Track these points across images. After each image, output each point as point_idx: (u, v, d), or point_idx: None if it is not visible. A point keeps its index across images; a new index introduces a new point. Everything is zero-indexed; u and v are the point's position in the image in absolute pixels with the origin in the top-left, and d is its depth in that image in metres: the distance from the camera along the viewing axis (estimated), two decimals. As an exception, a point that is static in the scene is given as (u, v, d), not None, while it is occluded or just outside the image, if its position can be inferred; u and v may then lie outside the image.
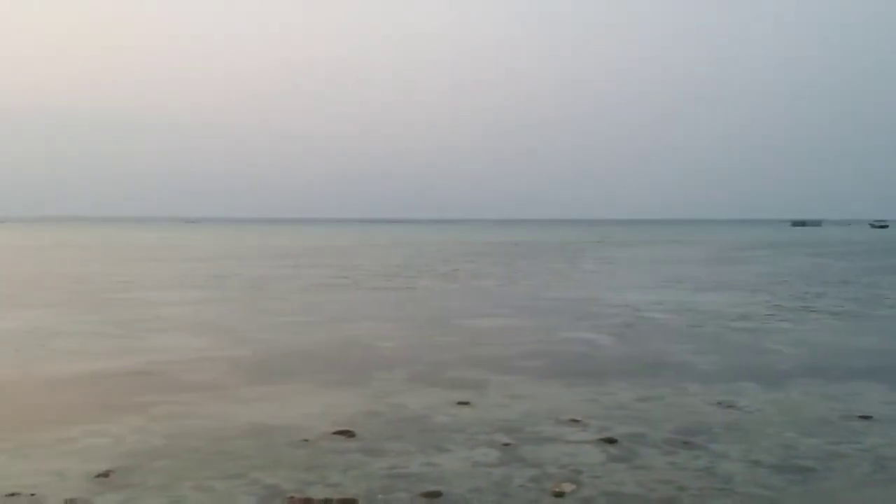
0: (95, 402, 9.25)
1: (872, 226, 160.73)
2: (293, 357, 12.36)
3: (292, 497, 5.98)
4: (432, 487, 6.27)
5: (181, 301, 20.58)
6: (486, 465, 6.88)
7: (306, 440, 7.62)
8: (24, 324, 15.81)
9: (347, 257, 44.43)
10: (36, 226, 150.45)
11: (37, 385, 10.23)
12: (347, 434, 7.84)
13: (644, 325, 16.36)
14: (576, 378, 10.78)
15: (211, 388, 10.06)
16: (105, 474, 6.57)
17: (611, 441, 7.66)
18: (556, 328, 15.75)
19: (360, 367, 11.54)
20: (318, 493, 6.13)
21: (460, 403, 9.18)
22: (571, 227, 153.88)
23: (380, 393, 9.76)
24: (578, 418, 8.53)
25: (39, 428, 8.01)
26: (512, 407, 9.08)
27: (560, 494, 6.16)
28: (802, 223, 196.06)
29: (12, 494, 6.05)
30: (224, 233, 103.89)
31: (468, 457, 7.12)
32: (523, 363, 11.88)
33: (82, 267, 34.85)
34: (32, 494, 6.06)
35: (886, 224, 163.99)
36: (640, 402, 9.42)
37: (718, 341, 14.23)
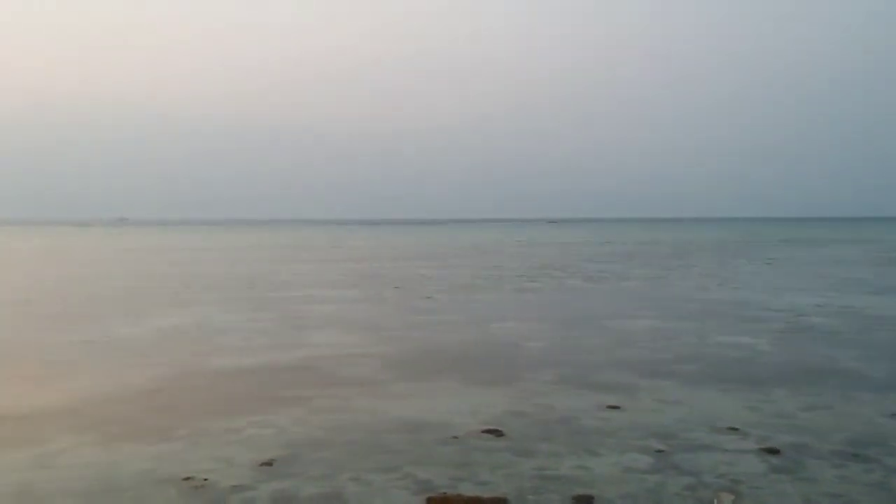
0: (260, 395, 9.80)
1: None
2: (441, 355, 12.58)
3: (431, 497, 6.08)
4: (584, 491, 6.21)
5: (336, 299, 21.44)
6: (639, 471, 6.72)
7: (455, 437, 7.74)
8: (194, 321, 17.00)
9: (489, 257, 44.70)
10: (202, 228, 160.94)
11: (207, 377, 10.97)
12: (496, 433, 7.89)
13: (807, 329, 15.43)
14: (732, 384, 10.32)
15: (364, 383, 10.42)
16: (269, 463, 6.95)
17: (773, 451, 7.28)
18: (710, 331, 15.14)
19: (507, 366, 11.58)
20: (468, 490, 6.21)
21: (610, 407, 9.02)
22: (719, 226, 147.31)
23: (527, 393, 9.76)
24: (737, 426, 8.17)
25: (210, 417, 8.59)
26: (665, 412, 8.82)
27: (718, 505, 5.93)
28: None
29: (188, 479, 6.53)
30: (370, 234, 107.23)
31: (620, 462, 6.99)
32: (676, 367, 11.52)
33: (242, 267, 37.00)
34: (205, 479, 6.51)
35: None
36: (805, 410, 8.89)
37: (892, 348, 13.19)
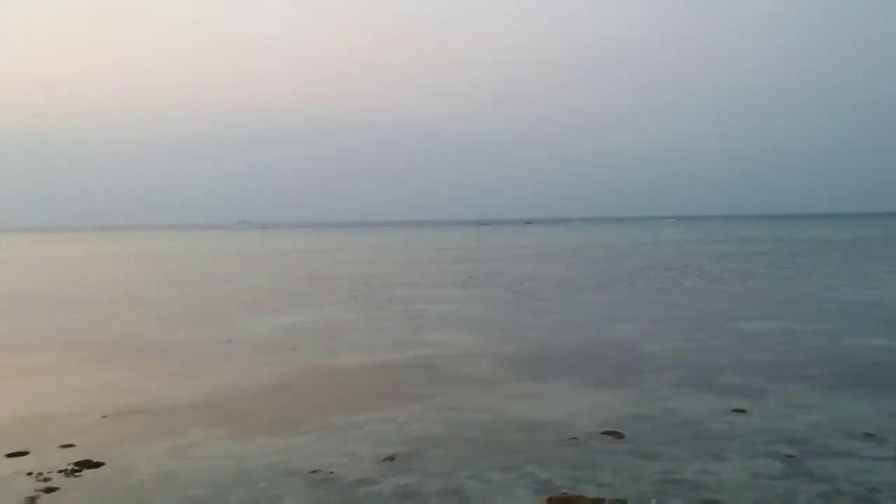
0: (381, 391, 10.05)
1: None
2: (559, 355, 12.50)
3: (552, 497, 6.05)
4: (710, 496, 6.03)
5: (452, 299, 21.67)
6: (768, 477, 6.46)
7: (574, 438, 7.68)
8: (317, 319, 17.60)
9: (605, 256, 43.96)
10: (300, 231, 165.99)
11: (331, 374, 11.34)
12: (616, 435, 7.77)
13: (954, 331, 14.36)
14: (869, 388, 9.76)
15: (483, 382, 10.49)
16: (391, 458, 7.12)
17: (916, 461, 6.84)
18: (843, 333, 14.36)
19: (627, 368, 11.38)
20: (589, 491, 6.15)
21: (736, 411, 8.71)
22: (845, 222, 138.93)
23: (648, 395, 9.56)
24: (874, 432, 7.72)
25: (335, 413, 8.87)
26: (794, 417, 8.43)
27: (856, 515, 5.63)
28: None
29: (315, 471, 6.77)
30: (478, 234, 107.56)
31: (747, 467, 6.74)
32: (805, 371, 10.99)
33: (361, 267, 37.94)
34: (331, 472, 6.74)
35: None
36: (952, 419, 8.29)
37: None
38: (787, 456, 7.01)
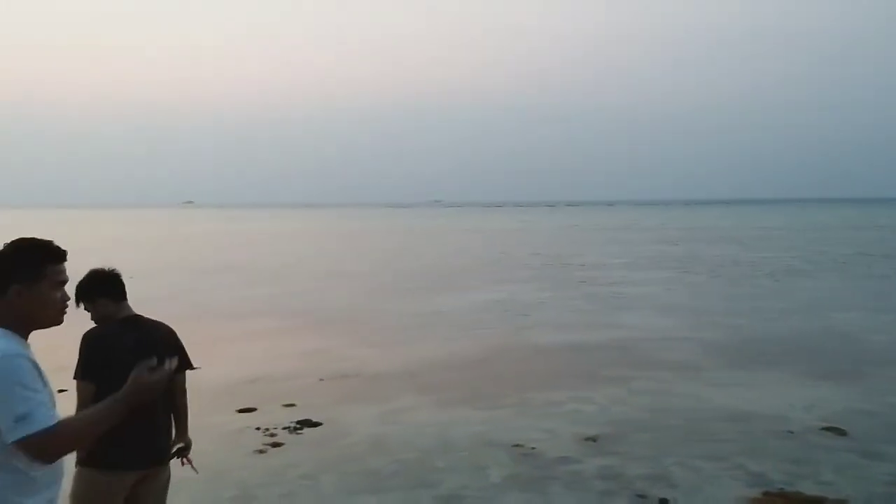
0: (577, 371, 9.99)
1: None
2: (768, 344, 11.80)
3: (769, 492, 5.72)
4: (951, 505, 5.46)
5: (648, 281, 21.10)
6: None
7: (791, 432, 7.22)
8: (510, 296, 17.77)
9: (798, 241, 40.78)
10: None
11: (527, 351, 11.43)
12: (838, 431, 7.22)
13: None
14: None
15: (684, 367, 10.13)
16: (593, 439, 7.06)
17: None
18: None
19: (848, 360, 10.54)
20: (808, 489, 5.77)
21: (980, 413, 7.81)
22: None
23: (874, 391, 8.79)
24: None
25: (533, 389, 8.94)
26: None
27: None
28: None
29: (517, 445, 6.86)
30: (673, 215, 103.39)
31: None
32: None
33: (552, 247, 37.82)
34: (533, 448, 6.80)
35: None
36: None
37: None
38: None
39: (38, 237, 2.52)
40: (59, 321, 2.49)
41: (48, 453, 2.23)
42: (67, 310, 2.53)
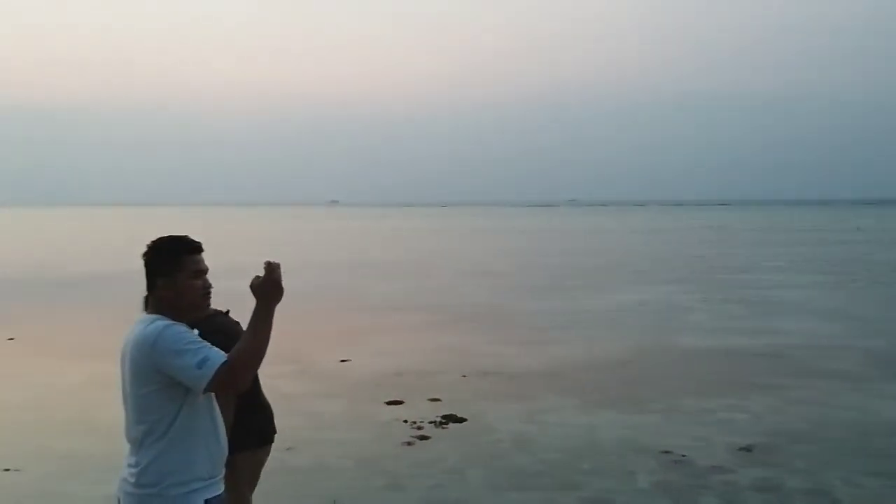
0: (728, 377, 9.59)
1: None
2: (943, 356, 10.89)
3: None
4: None
5: (803, 284, 20.00)
6: None
7: (971, 452, 6.64)
8: (654, 298, 17.30)
9: None
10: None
11: (674, 354, 11.10)
12: None
13: None
14: None
15: (846, 377, 9.52)
16: (747, 449, 6.76)
17: None
18: None
19: None
20: None
21: None
22: None
23: None
24: None
25: (681, 395, 8.66)
26: None
27: None
28: None
29: (666, 452, 6.67)
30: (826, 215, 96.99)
31: None
32: None
33: (697, 248, 36.48)
34: (683, 455, 6.59)
35: None
36: None
37: None
38: None
39: (174, 234, 2.80)
40: (203, 306, 2.77)
41: (238, 379, 2.56)
42: (211, 296, 2.80)
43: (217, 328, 3.32)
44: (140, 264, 2.77)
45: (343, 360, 10.24)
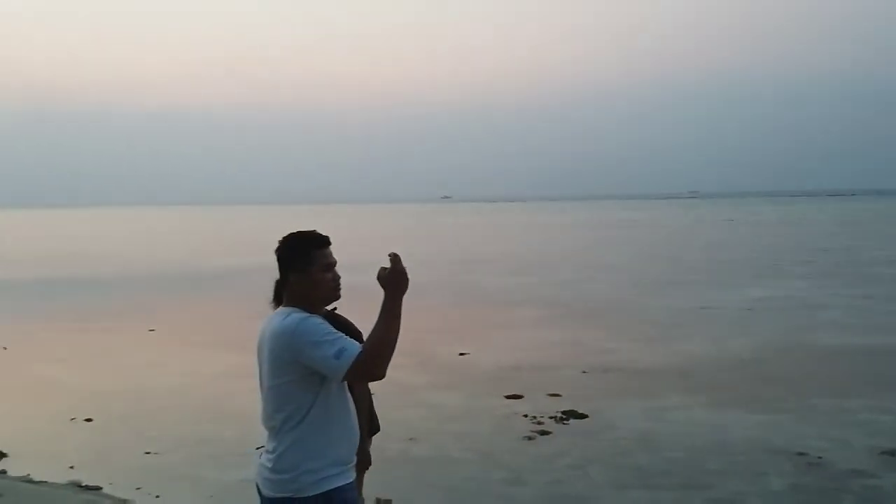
0: (870, 377, 9.03)
1: None
2: None
3: None
4: None
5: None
6: None
7: None
8: (786, 293, 16.45)
9: None
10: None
11: (809, 352, 10.53)
12: None
13: None
14: None
15: None
16: (891, 453, 6.33)
17: None
18: None
19: None
20: None
21: None
22: None
23: None
24: None
25: (817, 394, 8.21)
26: None
27: None
28: None
29: (801, 454, 6.34)
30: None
31: None
32: None
33: (823, 240, 34.50)
34: (819, 458, 6.24)
35: None
36: None
37: None
38: None
39: (304, 229, 2.89)
40: (334, 297, 2.85)
41: (374, 368, 2.60)
42: (340, 288, 2.85)
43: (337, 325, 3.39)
44: (271, 259, 2.88)
45: (462, 354, 10.30)
